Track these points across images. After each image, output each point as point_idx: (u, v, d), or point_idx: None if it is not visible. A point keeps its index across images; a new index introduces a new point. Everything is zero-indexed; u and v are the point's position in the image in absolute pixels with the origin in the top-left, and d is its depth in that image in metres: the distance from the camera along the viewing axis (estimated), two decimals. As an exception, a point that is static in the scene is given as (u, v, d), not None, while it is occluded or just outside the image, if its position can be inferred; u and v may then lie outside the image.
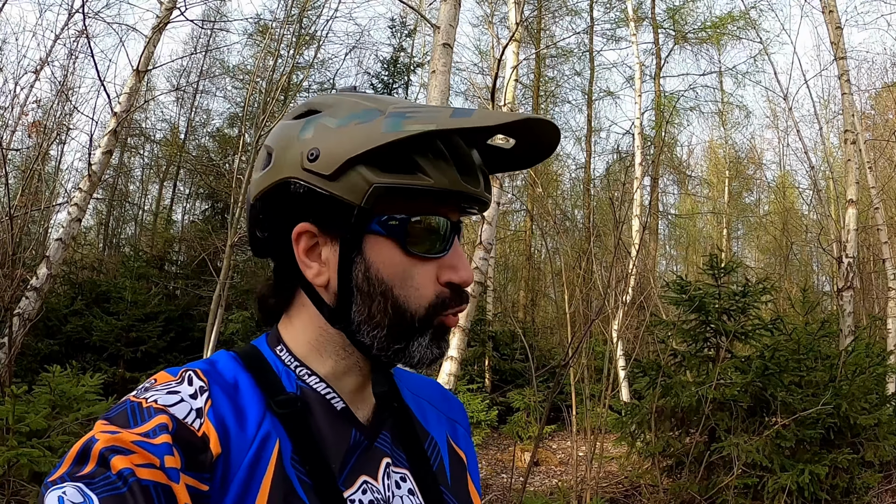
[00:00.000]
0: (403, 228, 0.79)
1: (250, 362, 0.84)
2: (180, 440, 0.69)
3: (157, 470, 0.65)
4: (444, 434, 0.99)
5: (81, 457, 0.65)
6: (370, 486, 0.82)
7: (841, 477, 6.25)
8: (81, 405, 5.54)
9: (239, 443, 0.74)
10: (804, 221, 18.93)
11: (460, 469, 0.97)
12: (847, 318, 8.12)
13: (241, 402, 0.78)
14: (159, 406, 0.72)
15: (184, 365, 0.82)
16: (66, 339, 11.42)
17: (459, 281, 0.82)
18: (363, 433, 0.85)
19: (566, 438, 11.08)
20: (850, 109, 8.59)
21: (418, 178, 0.76)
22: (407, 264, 0.80)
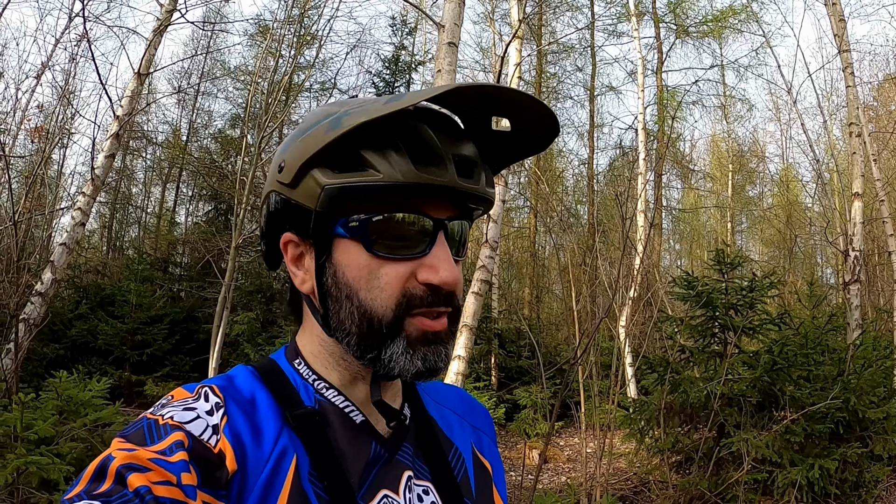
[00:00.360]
0: (365, 229, 0.76)
1: (268, 376, 0.84)
2: (196, 457, 0.69)
3: (174, 487, 0.65)
4: (469, 444, 0.98)
5: (98, 474, 0.65)
6: (391, 499, 0.81)
7: (850, 471, 6.23)
8: (89, 410, 5.54)
9: (255, 459, 0.74)
10: (808, 214, 18.90)
11: (485, 480, 0.96)
12: (854, 311, 8.09)
13: (257, 417, 0.78)
14: (175, 423, 0.72)
15: (201, 381, 0.81)
16: (72, 344, 11.44)
17: (438, 282, 0.76)
18: (383, 446, 0.84)
19: (573, 435, 11.09)
20: (854, 102, 8.56)
21: (368, 175, 0.74)
22: (374, 266, 0.77)
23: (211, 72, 19.74)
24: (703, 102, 19.84)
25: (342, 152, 0.75)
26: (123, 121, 7.80)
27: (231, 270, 8.71)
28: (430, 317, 0.77)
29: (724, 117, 20.87)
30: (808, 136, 10.74)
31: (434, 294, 0.77)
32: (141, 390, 11.15)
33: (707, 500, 6.25)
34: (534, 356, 13.28)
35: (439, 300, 0.77)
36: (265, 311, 12.54)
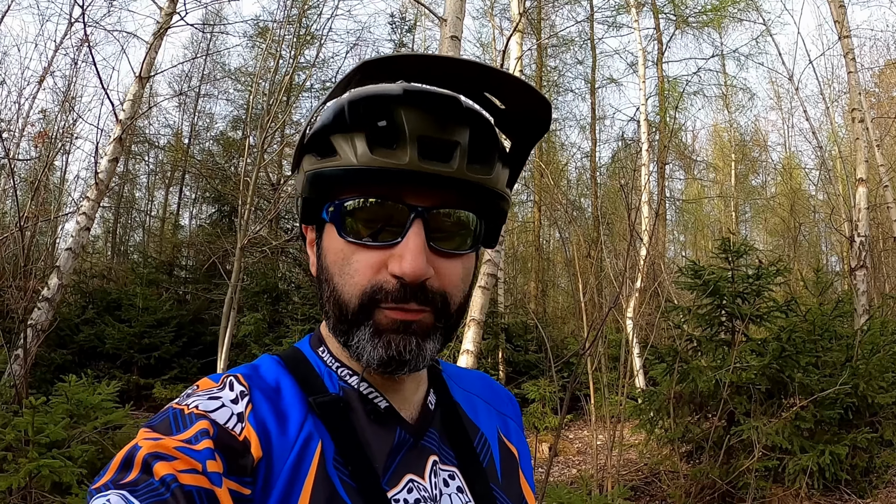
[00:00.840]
0: (338, 214, 0.76)
1: (293, 365, 0.84)
2: (222, 445, 0.69)
3: (200, 475, 0.65)
4: (495, 429, 0.98)
5: (125, 464, 0.66)
6: (416, 484, 0.81)
7: (860, 456, 6.23)
8: (99, 413, 5.57)
9: (280, 446, 0.74)
10: (812, 202, 18.87)
11: (512, 465, 0.96)
12: (861, 297, 8.09)
13: (282, 405, 0.78)
14: (200, 412, 0.72)
15: (226, 371, 0.82)
16: (79, 349, 11.47)
17: (399, 272, 0.73)
18: (408, 431, 0.84)
19: (583, 428, 11.10)
20: (856, 88, 8.55)
21: (334, 160, 0.75)
22: (347, 251, 0.76)
23: (211, 74, 19.76)
24: (705, 92, 19.79)
25: (320, 139, 0.77)
26: (126, 124, 7.82)
27: (237, 271, 8.72)
28: (401, 311, 0.75)
29: (726, 107, 20.84)
30: (811, 124, 10.75)
31: (402, 289, 0.74)
32: (149, 393, 11.17)
33: (718, 488, 6.25)
34: (541, 350, 13.30)
35: (408, 295, 0.74)
36: (272, 311, 12.56)
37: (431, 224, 0.75)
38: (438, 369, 0.96)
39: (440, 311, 0.77)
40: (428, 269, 0.74)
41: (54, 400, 5.32)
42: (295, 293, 13.14)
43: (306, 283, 13.33)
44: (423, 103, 0.74)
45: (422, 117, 0.73)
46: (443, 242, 0.77)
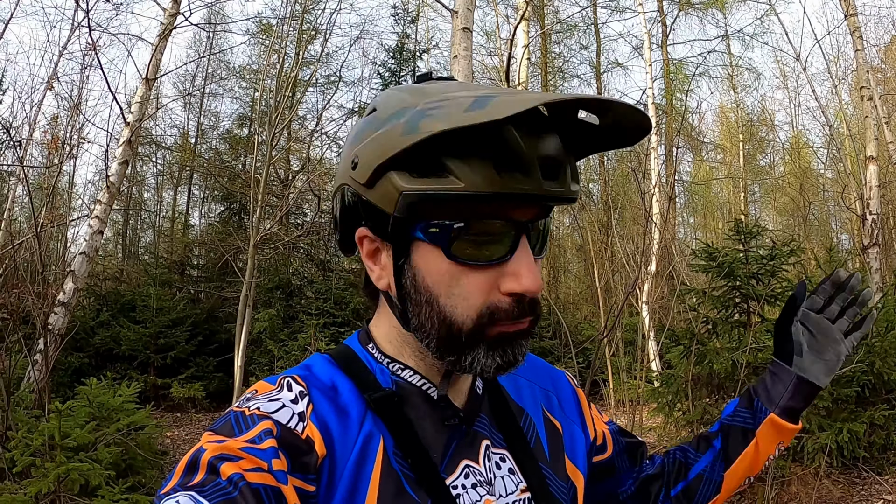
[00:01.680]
0: (446, 235, 0.74)
1: (345, 362, 0.85)
2: (285, 444, 0.71)
3: (266, 473, 0.67)
4: (539, 406, 0.99)
5: (191, 468, 0.67)
6: (472, 469, 0.83)
7: (878, 434, 6.22)
8: (121, 415, 5.62)
9: (343, 443, 0.76)
10: (821, 181, 18.75)
11: (557, 441, 0.97)
12: (874, 274, 8.07)
13: (341, 402, 0.80)
14: (262, 413, 0.74)
15: (280, 373, 0.83)
16: (96, 351, 11.51)
17: (520, 290, 0.74)
18: (461, 419, 0.85)
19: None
20: (864, 66, 8.49)
21: (449, 182, 0.71)
22: (454, 272, 0.75)
23: (216, 73, 19.75)
24: (710, 74, 19.70)
25: (421, 157, 0.71)
26: (135, 127, 7.85)
27: (251, 269, 8.77)
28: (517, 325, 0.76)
29: (732, 87, 20.71)
30: (819, 102, 10.66)
31: (519, 305, 0.75)
32: (167, 393, 11.23)
33: (738, 469, 6.25)
34: (555, 336, 13.29)
35: (524, 311, 0.76)
36: (286, 306, 12.58)
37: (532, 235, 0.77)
38: None
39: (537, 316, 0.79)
40: (542, 281, 0.75)
41: (76, 403, 5.36)
42: (308, 288, 13.14)
43: (319, 278, 13.35)
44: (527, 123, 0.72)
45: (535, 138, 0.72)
46: (535, 252, 0.78)
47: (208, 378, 11.91)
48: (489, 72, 17.42)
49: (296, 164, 16.86)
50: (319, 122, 16.52)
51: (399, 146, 0.70)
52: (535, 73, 18.69)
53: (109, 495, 4.20)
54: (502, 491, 0.85)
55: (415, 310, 0.78)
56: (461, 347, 0.76)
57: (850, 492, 5.99)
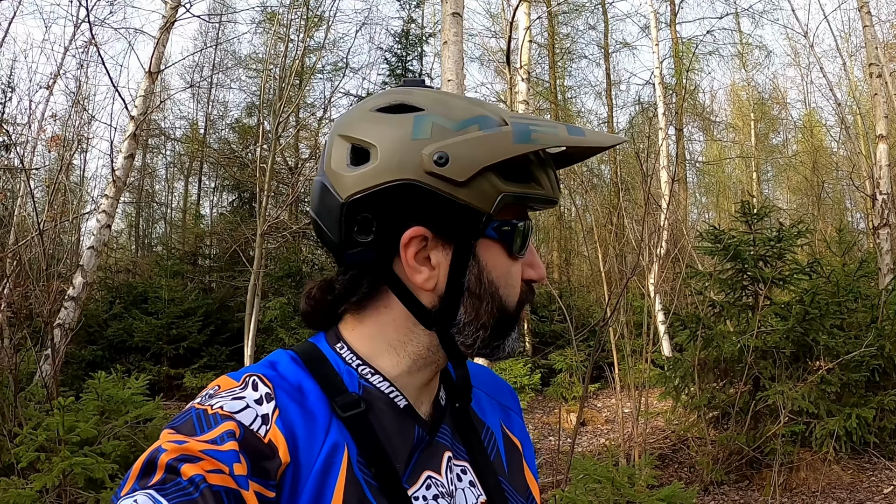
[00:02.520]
0: (513, 233, 0.82)
1: (311, 362, 0.83)
2: (247, 447, 0.69)
3: (227, 476, 0.66)
4: (499, 422, 1.00)
5: (147, 468, 0.66)
6: (434, 480, 0.83)
7: (888, 419, 6.18)
8: (129, 407, 5.65)
9: (308, 450, 0.74)
10: (834, 159, 18.52)
11: (516, 457, 0.98)
12: (885, 256, 7.96)
13: (308, 406, 0.78)
14: (225, 413, 0.72)
15: (244, 369, 0.81)
16: (109, 344, 11.64)
17: (538, 277, 0.87)
18: (425, 429, 0.85)
19: (610, 396, 11.10)
20: (873, 42, 8.35)
21: (533, 188, 0.81)
22: (509, 266, 0.84)
23: (222, 63, 19.73)
24: (720, 52, 19.44)
25: (516, 162, 0.79)
26: (139, 121, 7.87)
27: (259, 258, 8.79)
28: None
29: (742, 65, 20.44)
30: (828, 80, 10.52)
31: (531, 290, 0.88)
32: (180, 383, 11.33)
33: (746, 454, 6.25)
34: (565, 320, 13.29)
35: (534, 293, 0.90)
36: (296, 294, 12.63)
37: None
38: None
39: None
40: None
41: (85, 397, 5.40)
42: (318, 275, 13.19)
43: (329, 265, 13.38)
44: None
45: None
46: None
47: (221, 367, 11.99)
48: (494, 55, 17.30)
49: (304, 152, 16.87)
50: (327, 109, 16.51)
51: (512, 152, 0.77)
52: (542, 55, 18.57)
53: (115, 488, 4.24)
54: (462, 502, 0.85)
55: (475, 304, 0.82)
56: (508, 330, 0.86)
57: (859, 477, 5.96)
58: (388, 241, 0.79)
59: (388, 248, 0.79)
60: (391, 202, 0.78)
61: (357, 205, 0.79)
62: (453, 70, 3.89)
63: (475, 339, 0.82)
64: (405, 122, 0.79)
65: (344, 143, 0.81)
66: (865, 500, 5.58)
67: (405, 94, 0.82)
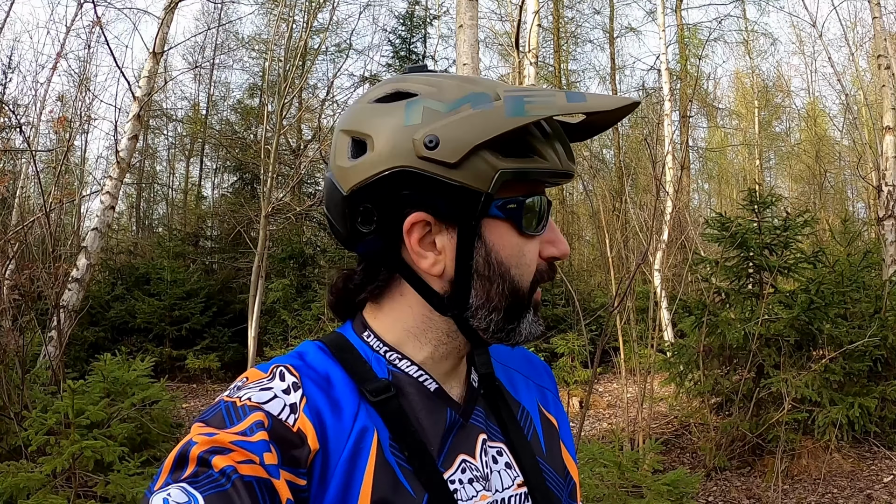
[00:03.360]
0: (521, 210, 0.79)
1: (338, 351, 0.84)
2: (276, 436, 0.70)
3: (258, 466, 0.66)
4: (535, 402, 0.99)
5: (180, 462, 0.66)
6: (469, 464, 0.83)
7: (890, 408, 6.21)
8: (135, 390, 5.67)
9: (337, 436, 0.75)
10: (837, 148, 18.50)
11: (553, 436, 0.98)
12: (889, 247, 7.97)
13: (335, 394, 0.78)
14: (254, 404, 0.72)
15: (272, 360, 0.82)
16: (111, 325, 11.62)
17: (560, 254, 0.84)
18: (458, 412, 0.85)
19: (612, 381, 11.14)
20: (881, 34, 8.31)
21: (535, 162, 0.78)
22: (521, 244, 0.81)
23: (225, 44, 19.61)
24: (725, 39, 19.36)
25: (514, 137, 0.77)
26: (143, 101, 7.84)
27: (263, 239, 8.79)
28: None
29: (748, 53, 20.36)
30: (835, 69, 10.47)
31: (552, 268, 0.85)
32: (182, 364, 11.36)
33: (748, 441, 6.28)
34: (569, 304, 13.30)
35: (554, 271, 0.86)
36: (299, 276, 12.65)
37: None
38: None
39: None
40: None
41: (91, 379, 5.41)
42: (321, 257, 13.21)
43: (332, 247, 13.39)
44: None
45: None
46: None
47: (223, 349, 12.04)
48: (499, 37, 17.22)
49: (307, 133, 16.82)
50: (330, 91, 16.45)
51: (505, 126, 0.74)
52: (547, 39, 18.48)
53: (125, 470, 4.26)
54: (499, 486, 0.85)
55: (485, 286, 0.81)
56: (521, 312, 0.83)
57: (860, 466, 6.00)
58: (391, 230, 0.80)
59: (392, 236, 0.80)
60: (389, 190, 0.78)
61: (357, 196, 0.80)
62: (468, 54, 3.87)
63: (489, 322, 0.81)
64: (398, 110, 0.79)
65: (345, 137, 0.82)
66: (866, 488, 5.62)
67: (400, 82, 0.82)
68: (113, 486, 4.06)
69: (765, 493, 5.66)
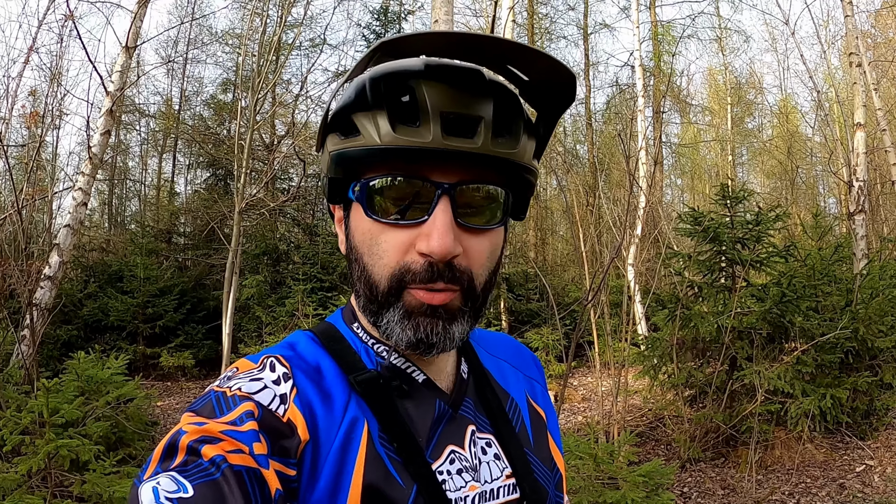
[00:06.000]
0: (363, 193, 0.76)
1: (328, 342, 0.85)
2: (266, 426, 0.70)
3: (247, 456, 0.66)
4: (523, 393, 1.00)
5: (169, 451, 0.66)
6: (458, 454, 0.83)
7: (861, 399, 6.33)
8: (110, 388, 5.62)
9: (327, 427, 0.75)
10: (808, 144, 18.76)
11: (541, 427, 0.98)
12: (860, 241, 8.13)
13: (325, 385, 0.79)
14: (244, 394, 0.72)
15: (262, 351, 0.82)
16: (84, 323, 11.48)
17: (426, 250, 0.72)
18: (447, 403, 0.85)
19: (586, 374, 11.21)
20: (853, 32, 8.45)
21: (353, 140, 0.75)
22: (375, 231, 0.76)
23: (198, 38, 19.41)
24: (699, 36, 19.55)
25: (343, 118, 0.77)
26: (116, 96, 7.73)
27: (237, 235, 8.72)
28: (429, 291, 0.75)
29: (721, 50, 20.57)
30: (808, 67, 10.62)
31: (430, 266, 0.74)
32: (156, 362, 11.26)
33: (722, 432, 6.36)
34: (542, 298, 13.37)
35: (435, 275, 0.74)
36: (273, 272, 12.57)
37: (459, 200, 0.75)
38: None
39: (467, 292, 0.77)
40: (456, 246, 0.73)
41: (65, 377, 5.35)
42: (295, 253, 13.14)
43: (306, 243, 13.33)
44: (446, 77, 0.73)
45: (444, 92, 0.72)
46: (471, 218, 0.76)
47: (197, 346, 11.94)
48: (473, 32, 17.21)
49: (281, 129, 16.70)
50: (304, 86, 16.33)
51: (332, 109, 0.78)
52: (521, 35, 18.51)
53: (100, 469, 4.22)
54: (487, 477, 0.85)
55: (350, 269, 0.82)
56: (378, 308, 0.77)
57: (832, 456, 6.11)
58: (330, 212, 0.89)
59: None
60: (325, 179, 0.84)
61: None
62: (444, 51, 3.87)
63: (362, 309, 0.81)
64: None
65: None
66: (838, 477, 5.72)
67: None
68: (89, 485, 4.01)
69: (739, 483, 5.74)
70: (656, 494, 4.38)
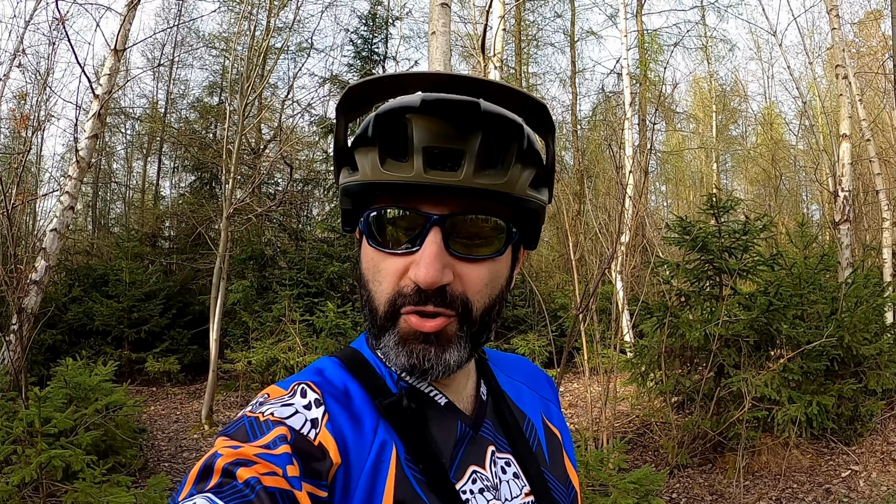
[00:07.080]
0: (366, 223, 0.80)
1: (354, 367, 0.87)
2: (298, 450, 0.72)
3: (280, 478, 0.68)
4: (539, 413, 1.02)
5: (204, 473, 0.68)
6: (479, 475, 0.85)
7: (846, 406, 6.41)
8: (98, 395, 5.57)
9: (358, 451, 0.77)
10: (793, 152, 18.93)
11: (557, 447, 1.01)
12: (845, 250, 8.23)
13: (355, 409, 0.81)
14: (276, 419, 0.75)
15: (291, 377, 0.84)
16: (69, 328, 11.33)
17: (414, 278, 0.76)
18: (468, 424, 0.88)
19: (573, 381, 11.24)
20: (840, 44, 8.55)
21: (351, 175, 0.81)
22: (377, 259, 0.80)
23: (185, 41, 19.31)
24: (685, 44, 19.69)
25: (349, 154, 0.82)
26: (104, 100, 7.68)
27: (224, 240, 8.70)
28: (421, 315, 0.77)
29: (706, 58, 20.74)
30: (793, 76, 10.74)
31: (419, 291, 0.76)
32: (142, 367, 11.14)
33: (709, 439, 6.41)
34: (528, 305, 13.39)
35: (425, 299, 0.76)
36: (259, 277, 12.50)
37: (455, 230, 0.78)
38: (484, 358, 0.99)
39: (462, 317, 0.79)
40: (443, 275, 0.75)
41: (53, 384, 5.30)
42: (281, 258, 13.07)
43: (292, 249, 13.28)
44: (440, 111, 0.75)
45: (432, 127, 0.75)
46: (466, 248, 0.78)
47: (183, 351, 11.84)
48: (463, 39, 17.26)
49: (267, 133, 16.66)
50: (291, 91, 16.32)
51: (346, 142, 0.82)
52: (508, 42, 18.58)
53: (91, 478, 4.19)
54: (507, 495, 0.87)
55: (359, 295, 0.85)
56: (380, 331, 0.80)
57: (818, 462, 6.18)
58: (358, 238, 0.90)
59: None
60: None
61: None
62: (440, 60, 3.90)
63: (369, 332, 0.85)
64: None
65: None
66: (824, 482, 5.79)
67: None
68: (81, 494, 3.99)
69: (727, 489, 5.79)
70: (646, 501, 4.42)
